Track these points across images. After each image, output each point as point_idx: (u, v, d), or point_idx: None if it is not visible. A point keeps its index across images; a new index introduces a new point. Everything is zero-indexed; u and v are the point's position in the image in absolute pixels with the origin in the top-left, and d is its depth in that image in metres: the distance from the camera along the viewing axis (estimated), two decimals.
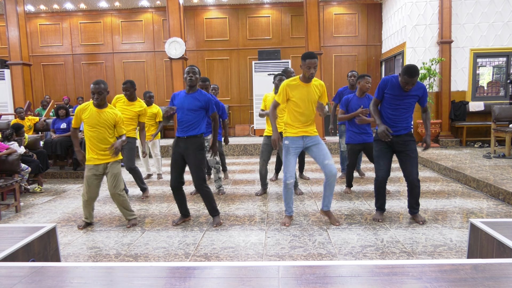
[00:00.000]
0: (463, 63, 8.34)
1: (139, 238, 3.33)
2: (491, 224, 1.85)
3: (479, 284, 1.21)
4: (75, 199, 4.80)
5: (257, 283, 1.25)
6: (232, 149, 8.39)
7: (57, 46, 11.02)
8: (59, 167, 6.56)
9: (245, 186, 5.23)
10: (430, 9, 8.21)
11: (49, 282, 1.30)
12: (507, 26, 8.16)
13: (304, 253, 2.90)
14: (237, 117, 10.81)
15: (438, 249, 2.92)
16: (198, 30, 10.69)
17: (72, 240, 3.31)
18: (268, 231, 3.40)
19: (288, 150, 3.43)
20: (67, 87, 11.04)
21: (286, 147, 3.44)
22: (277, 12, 10.58)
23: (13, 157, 4.59)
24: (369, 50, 10.50)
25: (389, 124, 3.43)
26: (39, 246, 1.85)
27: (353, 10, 10.42)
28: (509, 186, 4.27)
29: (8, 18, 8.69)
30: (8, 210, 4.38)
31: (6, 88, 9.47)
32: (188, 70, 3.46)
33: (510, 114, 6.89)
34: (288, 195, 3.55)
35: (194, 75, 3.45)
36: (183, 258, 2.88)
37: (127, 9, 10.72)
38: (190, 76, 3.44)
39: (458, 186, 4.99)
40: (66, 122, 6.46)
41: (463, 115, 8.26)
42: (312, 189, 4.96)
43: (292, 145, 3.42)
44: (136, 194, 4.96)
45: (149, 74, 10.86)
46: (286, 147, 3.44)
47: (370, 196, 4.53)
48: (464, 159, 6.33)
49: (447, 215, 3.76)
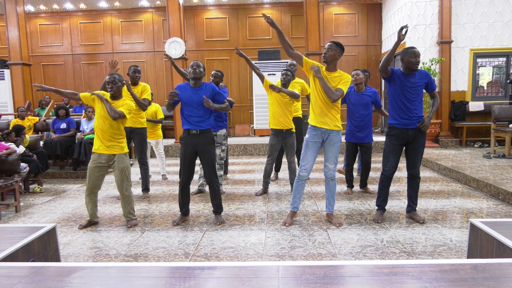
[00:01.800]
0: (463, 63, 8.34)
1: (139, 238, 3.33)
2: (491, 224, 1.85)
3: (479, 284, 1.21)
4: (75, 199, 4.80)
5: (257, 283, 1.25)
6: (232, 149, 8.39)
7: (57, 46, 11.02)
8: (59, 167, 6.56)
9: (245, 186, 5.23)
10: (430, 9, 8.21)
11: (49, 282, 1.30)
12: (507, 26, 8.16)
13: (304, 253, 2.90)
14: (237, 117, 10.81)
15: (438, 249, 2.92)
16: (198, 30, 10.69)
17: (72, 240, 3.31)
18: (268, 231, 3.40)
19: (306, 143, 3.46)
20: (67, 87, 11.02)
21: (306, 140, 3.48)
22: (277, 12, 10.58)
23: (13, 157, 4.59)
24: (369, 50, 10.50)
25: (403, 117, 3.41)
26: (39, 246, 1.85)
27: (353, 10, 10.42)
28: (509, 186, 4.27)
29: (8, 18, 8.69)
30: (8, 210, 4.38)
31: (6, 88, 9.46)
32: (193, 63, 3.50)
33: (510, 114, 6.89)
34: (296, 188, 3.56)
35: (198, 68, 3.48)
36: (183, 258, 2.88)
37: (127, 9, 10.72)
38: (194, 68, 3.47)
39: (458, 186, 5.00)
40: (66, 122, 6.46)
41: (463, 115, 8.26)
42: (312, 189, 4.96)
43: (310, 139, 3.43)
44: (136, 194, 4.95)
45: (149, 74, 10.85)
46: (306, 140, 3.48)
47: (370, 196, 4.53)
48: (464, 159, 6.33)
49: (447, 215, 3.76)
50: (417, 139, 3.45)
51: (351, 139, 4.54)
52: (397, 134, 3.47)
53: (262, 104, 9.49)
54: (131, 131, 4.60)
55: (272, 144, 4.58)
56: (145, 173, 4.77)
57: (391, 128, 3.51)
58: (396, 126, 3.46)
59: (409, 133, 3.43)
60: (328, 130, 3.39)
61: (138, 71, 4.59)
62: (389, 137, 3.54)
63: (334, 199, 3.57)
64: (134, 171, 6.58)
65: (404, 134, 3.44)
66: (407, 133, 3.43)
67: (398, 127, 3.45)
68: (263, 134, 9.69)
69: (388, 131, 3.55)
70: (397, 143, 3.49)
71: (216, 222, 3.64)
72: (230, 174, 6.11)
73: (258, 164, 7.14)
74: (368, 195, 4.58)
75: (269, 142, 4.60)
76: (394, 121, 3.47)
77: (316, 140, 3.42)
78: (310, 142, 3.44)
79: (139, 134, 4.65)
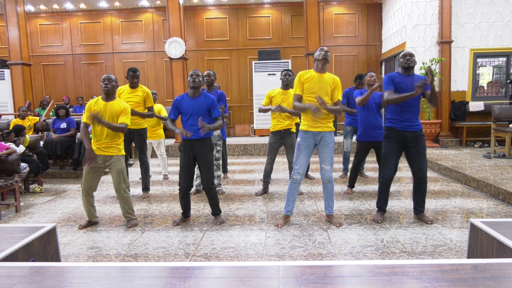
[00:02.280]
0: (463, 63, 8.34)
1: (139, 238, 3.33)
2: (491, 224, 1.85)
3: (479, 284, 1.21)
4: (75, 199, 4.80)
5: (257, 283, 1.25)
6: (232, 149, 8.39)
7: (57, 46, 11.02)
8: (59, 167, 6.56)
9: (245, 186, 5.23)
10: (430, 9, 8.20)
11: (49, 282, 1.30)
12: (507, 26, 8.16)
13: (304, 253, 2.90)
14: (237, 117, 10.81)
15: (438, 249, 2.92)
16: (198, 30, 10.69)
17: (72, 240, 3.31)
18: (268, 231, 3.40)
19: (298, 147, 3.46)
20: (67, 87, 11.03)
21: (298, 143, 3.47)
22: (277, 12, 10.58)
23: (13, 157, 4.59)
24: (369, 50, 10.50)
25: (403, 120, 3.40)
26: (39, 246, 1.85)
27: (353, 10, 10.42)
28: (509, 186, 4.27)
29: (8, 18, 8.69)
30: (8, 210, 4.38)
31: (6, 88, 9.47)
32: (192, 73, 3.52)
33: (510, 114, 6.89)
34: (290, 191, 3.54)
35: (198, 77, 3.50)
36: (183, 258, 2.88)
37: (127, 9, 10.72)
38: (194, 78, 3.49)
39: (458, 186, 4.99)
40: (66, 122, 6.46)
41: (463, 115, 8.26)
42: (312, 189, 4.96)
43: (302, 143, 3.43)
44: (136, 194, 4.95)
45: (149, 74, 10.85)
46: (298, 143, 3.47)
47: (370, 196, 4.53)
48: (464, 159, 6.33)
49: (447, 215, 3.76)
50: (417, 141, 3.43)
51: (366, 139, 4.48)
52: (395, 137, 3.46)
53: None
54: (131, 132, 4.61)
55: (271, 143, 4.61)
56: (145, 172, 4.80)
57: (390, 131, 3.50)
58: (394, 128, 3.45)
59: (408, 135, 3.42)
60: (321, 132, 3.39)
61: (136, 76, 4.51)
62: (387, 139, 3.52)
63: (333, 200, 3.57)
64: (134, 171, 6.58)
65: (403, 136, 3.43)
66: (405, 135, 3.42)
67: (396, 129, 3.44)
68: (263, 134, 9.70)
69: (386, 134, 3.54)
70: (396, 145, 3.47)
71: (216, 222, 3.65)
72: (230, 174, 6.11)
73: (258, 164, 7.14)
74: (368, 195, 4.57)
75: (268, 141, 4.65)
76: (393, 124, 3.47)
77: (308, 143, 3.43)
78: (302, 145, 3.44)
79: (139, 135, 4.68)
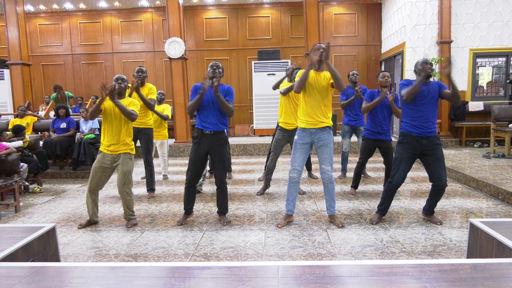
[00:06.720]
0: (463, 63, 8.34)
1: (138, 238, 3.33)
2: (491, 224, 1.85)
3: (479, 284, 1.21)
4: (74, 199, 4.79)
5: (257, 283, 1.25)
6: (232, 149, 8.39)
7: (57, 46, 11.01)
8: (58, 167, 6.56)
9: (245, 186, 5.23)
10: (429, 9, 8.20)
11: (49, 282, 1.30)
12: (506, 26, 8.17)
13: (303, 253, 2.90)
14: (237, 117, 10.80)
15: (437, 249, 2.92)
16: (197, 30, 10.69)
17: (72, 240, 3.31)
18: (268, 231, 3.40)
19: (295, 145, 3.46)
20: (67, 87, 11.01)
21: (295, 141, 3.48)
22: (276, 12, 10.58)
23: (13, 157, 4.59)
24: (368, 50, 10.49)
25: (418, 125, 3.34)
26: (39, 246, 1.85)
27: (353, 10, 10.42)
28: (509, 186, 4.27)
29: (7, 18, 8.68)
30: (7, 210, 4.38)
31: (5, 88, 9.46)
32: (212, 64, 3.52)
33: (510, 114, 6.90)
34: (289, 190, 3.54)
35: (218, 69, 3.49)
36: (182, 258, 2.88)
37: (127, 9, 10.71)
38: (214, 68, 3.47)
39: (457, 186, 5.00)
40: (66, 122, 6.45)
41: (462, 115, 8.26)
42: (312, 189, 4.96)
43: (299, 141, 3.43)
44: (137, 193, 4.94)
45: (149, 74, 10.83)
46: (295, 141, 3.48)
47: (370, 196, 4.53)
48: (464, 159, 6.34)
49: (446, 215, 3.76)
50: (435, 149, 3.34)
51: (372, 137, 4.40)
52: (410, 142, 3.37)
53: (262, 104, 9.50)
54: (138, 131, 4.61)
55: (277, 139, 4.54)
56: (150, 173, 4.76)
57: (405, 136, 3.42)
58: (410, 133, 3.37)
59: (424, 142, 3.34)
60: (318, 129, 3.37)
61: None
62: (401, 145, 3.44)
63: (335, 200, 3.55)
64: (135, 171, 6.58)
65: (418, 143, 3.34)
66: (421, 141, 3.34)
67: (412, 134, 3.36)
68: (263, 134, 9.69)
69: (401, 139, 3.45)
70: (410, 151, 3.38)
71: (222, 222, 3.63)
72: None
73: (258, 164, 7.14)
74: (368, 195, 4.57)
75: (275, 137, 4.57)
76: (408, 129, 3.40)
77: (305, 141, 3.42)
78: (298, 143, 3.44)
79: (146, 135, 4.66)
